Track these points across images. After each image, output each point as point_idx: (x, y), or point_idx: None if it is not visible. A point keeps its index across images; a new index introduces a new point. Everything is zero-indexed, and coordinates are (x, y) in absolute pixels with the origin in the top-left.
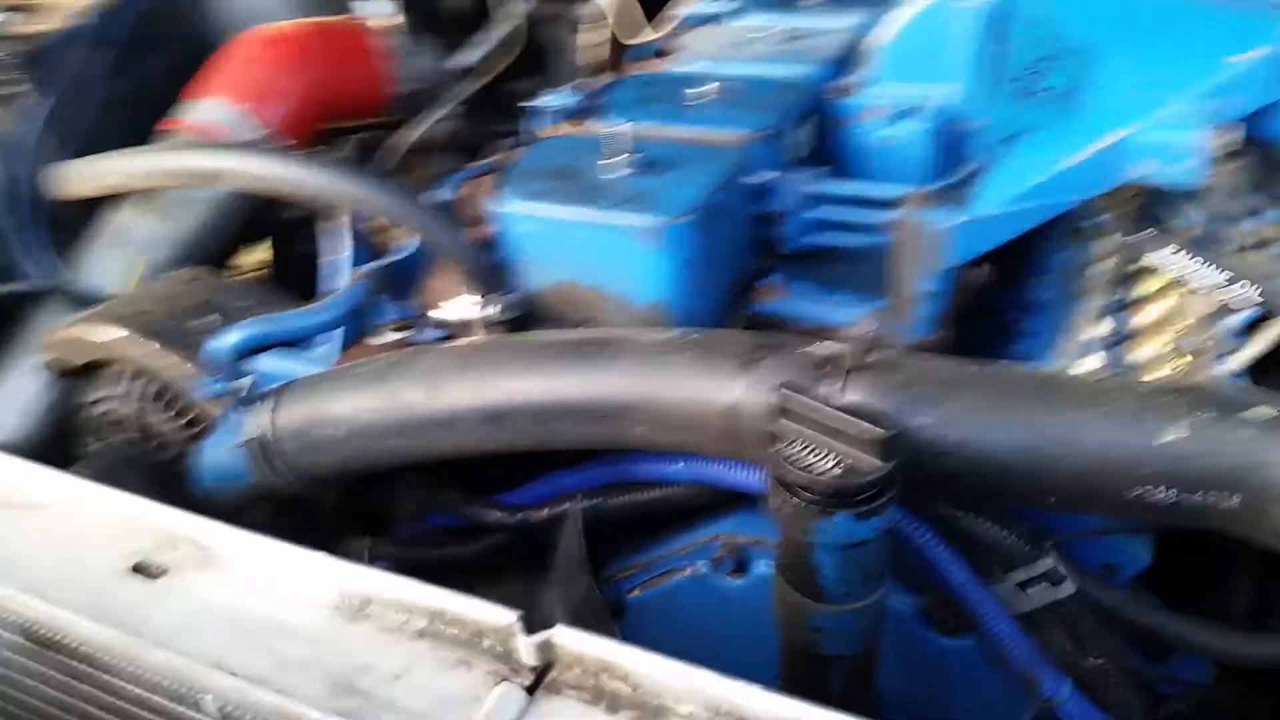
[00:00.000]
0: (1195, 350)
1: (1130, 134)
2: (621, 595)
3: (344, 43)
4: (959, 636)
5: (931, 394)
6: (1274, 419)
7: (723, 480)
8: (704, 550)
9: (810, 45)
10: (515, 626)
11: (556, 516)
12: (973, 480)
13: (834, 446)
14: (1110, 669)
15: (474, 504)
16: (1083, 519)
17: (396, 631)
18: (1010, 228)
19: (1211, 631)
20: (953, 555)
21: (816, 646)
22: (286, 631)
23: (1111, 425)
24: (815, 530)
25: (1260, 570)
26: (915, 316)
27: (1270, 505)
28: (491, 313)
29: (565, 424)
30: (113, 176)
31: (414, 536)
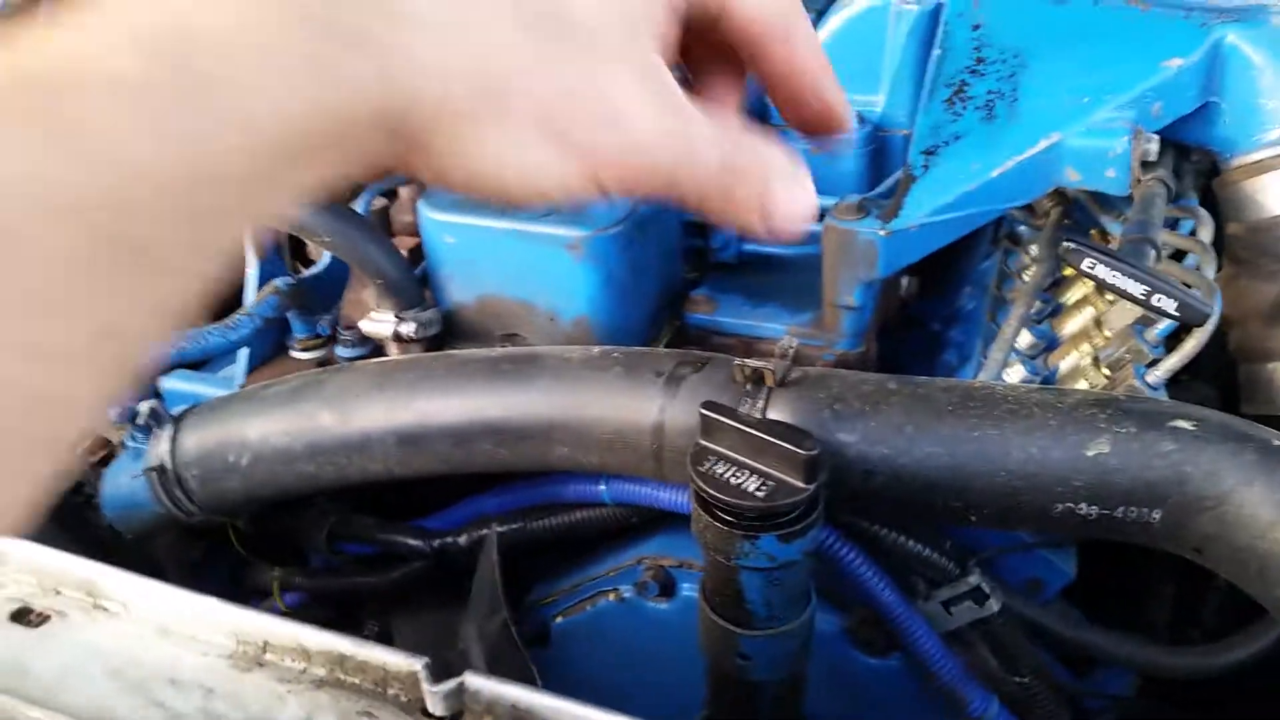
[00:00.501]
0: (1115, 362)
1: (1056, 142)
2: (547, 621)
3: None
4: (885, 656)
5: (856, 410)
6: (1192, 433)
7: (647, 501)
8: (629, 574)
9: None
10: (422, 674)
11: (476, 543)
12: (899, 498)
13: (756, 468)
14: (1036, 685)
15: (390, 531)
16: (1008, 534)
17: (295, 681)
18: (938, 237)
19: (1134, 645)
20: (879, 574)
21: (743, 672)
22: (177, 682)
23: (1034, 441)
24: (739, 553)
25: (1182, 581)
26: (842, 329)
27: (1189, 519)
28: (409, 329)
29: (484, 446)
30: None
31: (327, 566)
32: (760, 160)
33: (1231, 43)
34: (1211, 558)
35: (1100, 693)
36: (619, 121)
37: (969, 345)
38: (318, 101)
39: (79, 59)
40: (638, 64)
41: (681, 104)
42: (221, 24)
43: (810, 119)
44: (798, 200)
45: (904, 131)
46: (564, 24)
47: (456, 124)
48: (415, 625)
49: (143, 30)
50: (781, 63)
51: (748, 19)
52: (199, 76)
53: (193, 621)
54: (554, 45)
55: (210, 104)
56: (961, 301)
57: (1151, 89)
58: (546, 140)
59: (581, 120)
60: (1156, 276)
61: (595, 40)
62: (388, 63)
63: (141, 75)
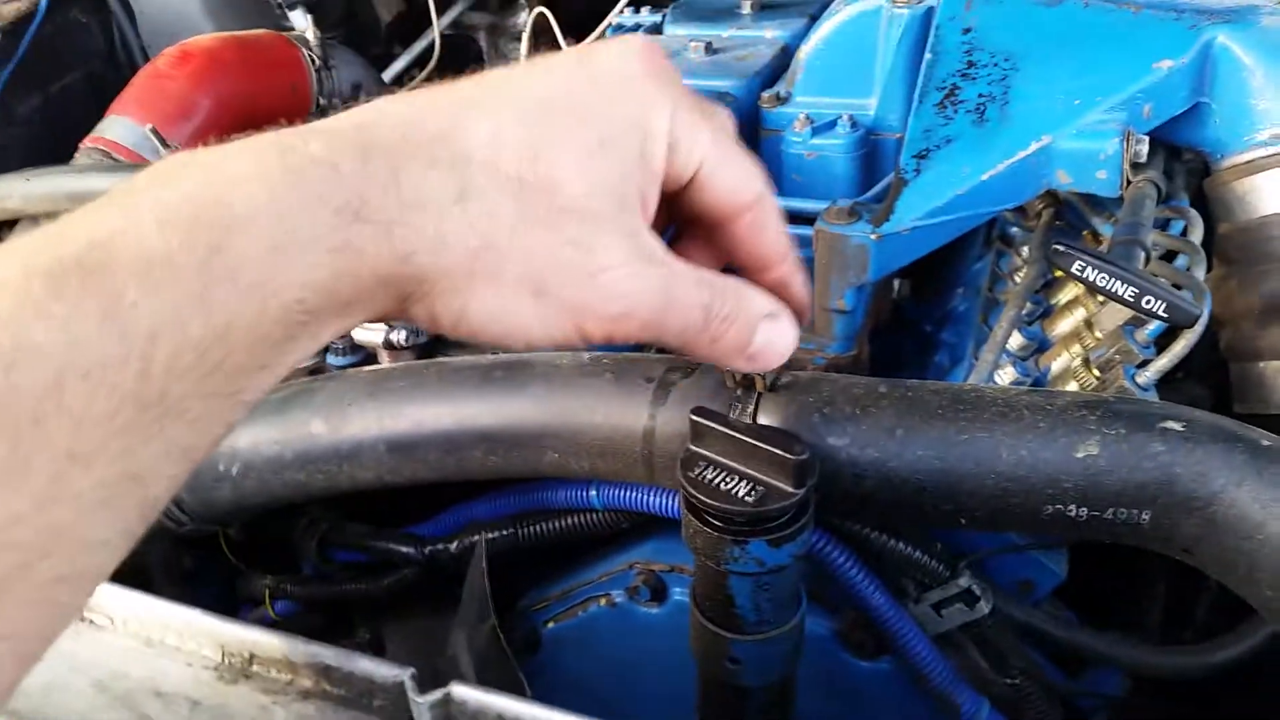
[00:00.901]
0: (1105, 363)
1: (1047, 144)
2: (538, 627)
3: (263, 56)
4: (876, 659)
5: (846, 414)
6: (1181, 434)
7: (638, 506)
8: (620, 579)
9: (738, 57)
10: (408, 685)
11: (467, 549)
12: (890, 501)
13: (745, 473)
14: (1028, 686)
15: (381, 538)
16: (998, 536)
17: (281, 693)
18: (930, 241)
19: (1125, 645)
20: (869, 577)
21: (733, 677)
22: (163, 695)
23: (1024, 443)
24: (728, 558)
25: (1173, 581)
26: (834, 332)
27: (1179, 520)
28: (400, 336)
29: (476, 453)
30: (9, 201)
31: (319, 574)
32: (744, 307)
33: (1222, 44)
34: (1201, 558)
35: (1092, 693)
36: (602, 279)
37: (961, 347)
38: (336, 274)
39: (114, 238)
40: (623, 229)
41: (662, 260)
42: (254, 207)
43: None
44: (782, 338)
45: (896, 135)
46: (556, 199)
47: (455, 285)
48: (407, 632)
49: (175, 211)
50: (746, 243)
51: (717, 198)
52: (231, 258)
53: (179, 633)
54: (546, 219)
55: (238, 282)
56: (954, 303)
57: (1142, 90)
58: (535, 298)
59: (568, 281)
60: (1146, 278)
61: (584, 212)
62: (400, 238)
63: (173, 256)
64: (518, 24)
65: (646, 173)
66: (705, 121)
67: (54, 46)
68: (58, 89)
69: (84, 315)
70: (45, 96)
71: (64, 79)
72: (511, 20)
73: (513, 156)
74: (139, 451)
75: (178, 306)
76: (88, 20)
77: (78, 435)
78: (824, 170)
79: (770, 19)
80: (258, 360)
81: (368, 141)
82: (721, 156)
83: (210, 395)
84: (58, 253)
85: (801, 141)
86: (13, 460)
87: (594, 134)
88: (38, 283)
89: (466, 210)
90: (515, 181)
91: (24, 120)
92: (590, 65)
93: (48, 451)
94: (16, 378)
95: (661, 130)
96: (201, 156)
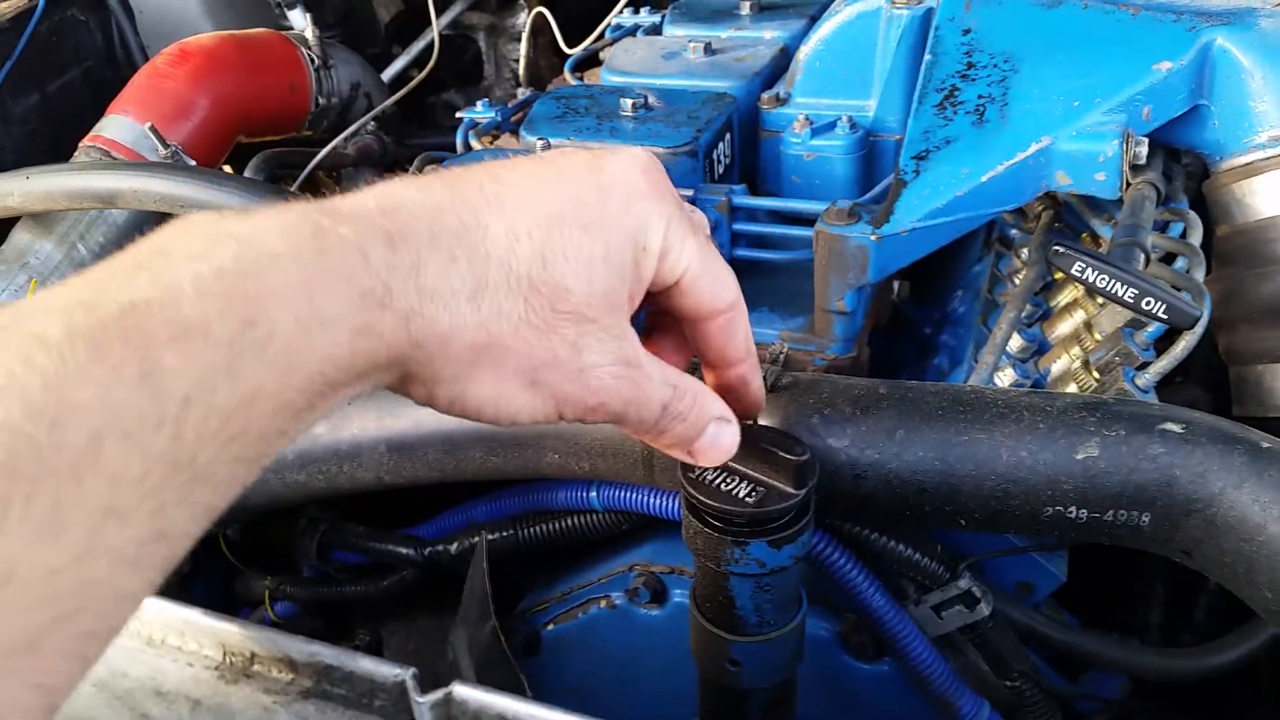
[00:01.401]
0: (1105, 365)
1: (1046, 146)
2: (538, 629)
3: (261, 55)
4: (876, 661)
5: (846, 415)
6: (1181, 435)
7: (638, 508)
8: (621, 580)
9: (737, 58)
10: (409, 684)
11: (467, 550)
12: (890, 502)
13: (746, 474)
14: (1027, 688)
15: (380, 539)
16: (998, 538)
17: (282, 693)
18: (929, 242)
19: (1124, 648)
20: (870, 579)
21: (733, 678)
22: (164, 694)
23: (1023, 445)
24: (729, 559)
25: (1173, 584)
26: (834, 334)
27: (1178, 522)
28: None
29: (476, 453)
30: (9, 199)
31: (319, 575)
32: (698, 407)
33: (1220, 46)
34: (1200, 560)
35: (1092, 695)
36: (587, 376)
37: (961, 349)
38: (355, 352)
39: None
40: (611, 331)
41: (638, 362)
42: (287, 285)
43: (727, 394)
44: (728, 440)
45: (896, 136)
46: (559, 304)
47: (456, 373)
48: (406, 634)
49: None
50: (715, 342)
51: (696, 302)
52: (261, 332)
53: (180, 633)
54: (548, 320)
55: (267, 354)
56: (953, 305)
57: (1141, 92)
58: (528, 388)
59: (558, 375)
60: (1145, 280)
61: (581, 317)
62: (416, 326)
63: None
64: (517, 24)
65: (637, 280)
66: (693, 234)
67: (52, 45)
68: (56, 87)
69: (124, 379)
70: (44, 95)
71: (62, 77)
72: (510, 20)
73: (526, 260)
74: (168, 511)
75: (209, 374)
76: (86, 19)
77: (115, 493)
78: (823, 171)
79: (769, 20)
80: (278, 427)
81: (393, 230)
82: (703, 267)
83: (234, 460)
84: (98, 315)
85: (801, 142)
86: (54, 515)
87: (599, 247)
88: (80, 344)
89: (479, 307)
90: (525, 282)
91: (22, 118)
92: (599, 176)
93: (86, 508)
94: (59, 436)
95: (656, 245)
96: (234, 226)
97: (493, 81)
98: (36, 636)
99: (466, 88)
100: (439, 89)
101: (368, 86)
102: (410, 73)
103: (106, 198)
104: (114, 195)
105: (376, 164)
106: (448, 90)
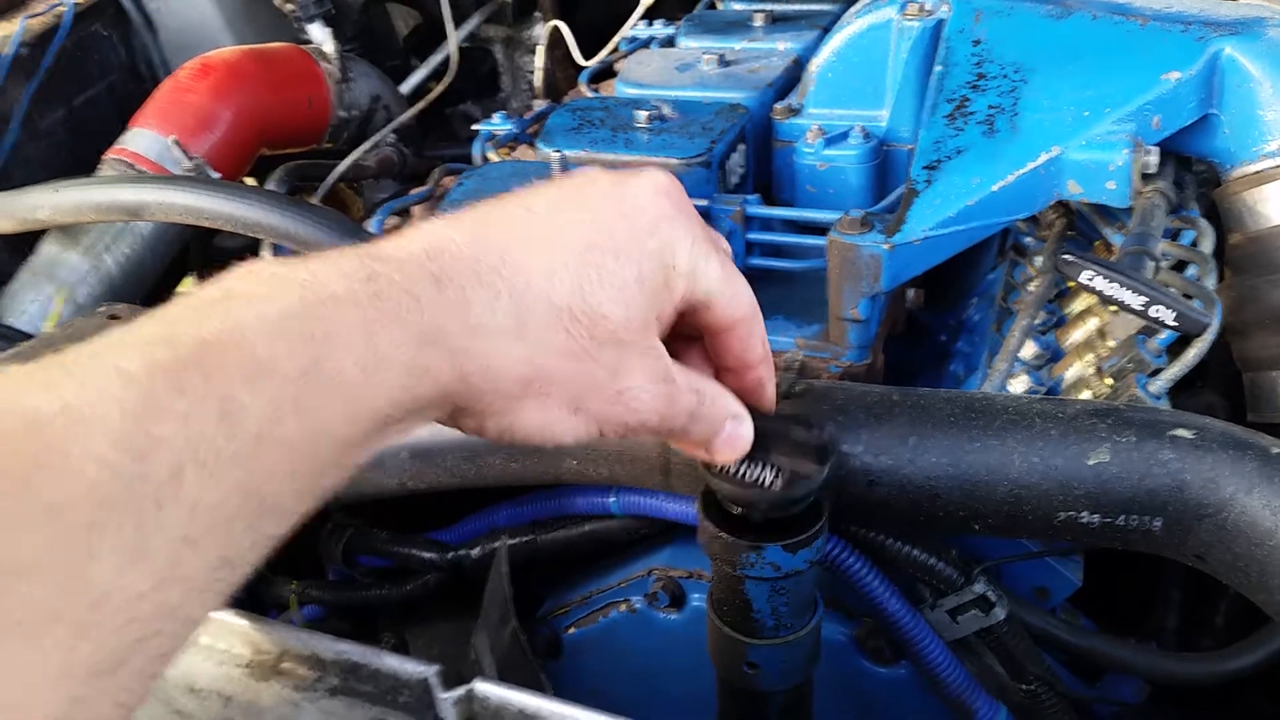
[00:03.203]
0: (1118, 372)
1: (1057, 155)
2: (559, 633)
3: (282, 69)
4: (893, 665)
5: (860, 422)
6: (1192, 441)
7: (656, 513)
8: (640, 585)
9: (751, 69)
10: (433, 681)
11: (488, 555)
12: (903, 507)
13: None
14: (1044, 693)
15: (404, 544)
16: (1012, 543)
17: (310, 690)
18: (941, 251)
19: (1141, 652)
20: (885, 583)
21: (751, 681)
22: (196, 690)
23: (1035, 451)
24: (745, 563)
25: (1192, 587)
26: (849, 341)
27: (1190, 526)
28: None
29: (495, 460)
30: (39, 212)
31: (344, 579)
32: (718, 408)
33: (1229, 55)
34: (1213, 565)
35: (1109, 699)
36: (626, 398)
37: (975, 356)
38: (408, 390)
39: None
40: (646, 352)
41: (671, 377)
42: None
43: (743, 393)
44: (742, 437)
45: (908, 146)
46: (597, 331)
47: (505, 406)
48: (430, 636)
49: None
50: (734, 350)
51: (718, 316)
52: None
53: (212, 633)
54: (588, 348)
55: (331, 393)
56: (968, 312)
57: (1151, 102)
58: (571, 414)
59: (599, 398)
60: (1154, 287)
61: (618, 342)
62: (464, 362)
63: (279, 365)
64: (533, 36)
65: (669, 301)
66: (715, 252)
67: (78, 60)
68: (81, 102)
69: (204, 413)
70: (69, 109)
71: (87, 92)
72: (527, 33)
73: (564, 292)
74: (237, 540)
75: (280, 410)
76: (110, 34)
77: (192, 522)
78: (837, 181)
79: (782, 31)
80: (337, 461)
81: (440, 272)
82: (725, 284)
83: (297, 493)
84: (177, 352)
85: (814, 153)
86: (138, 541)
87: (631, 272)
88: (161, 379)
89: (523, 339)
90: (566, 313)
91: (49, 132)
92: (623, 203)
93: (167, 535)
94: (144, 467)
95: (684, 265)
96: (295, 272)
97: (510, 93)
98: (122, 658)
99: (484, 99)
100: (457, 100)
101: (386, 99)
102: (429, 85)
103: (132, 210)
104: (140, 208)
105: (396, 175)
106: (465, 101)
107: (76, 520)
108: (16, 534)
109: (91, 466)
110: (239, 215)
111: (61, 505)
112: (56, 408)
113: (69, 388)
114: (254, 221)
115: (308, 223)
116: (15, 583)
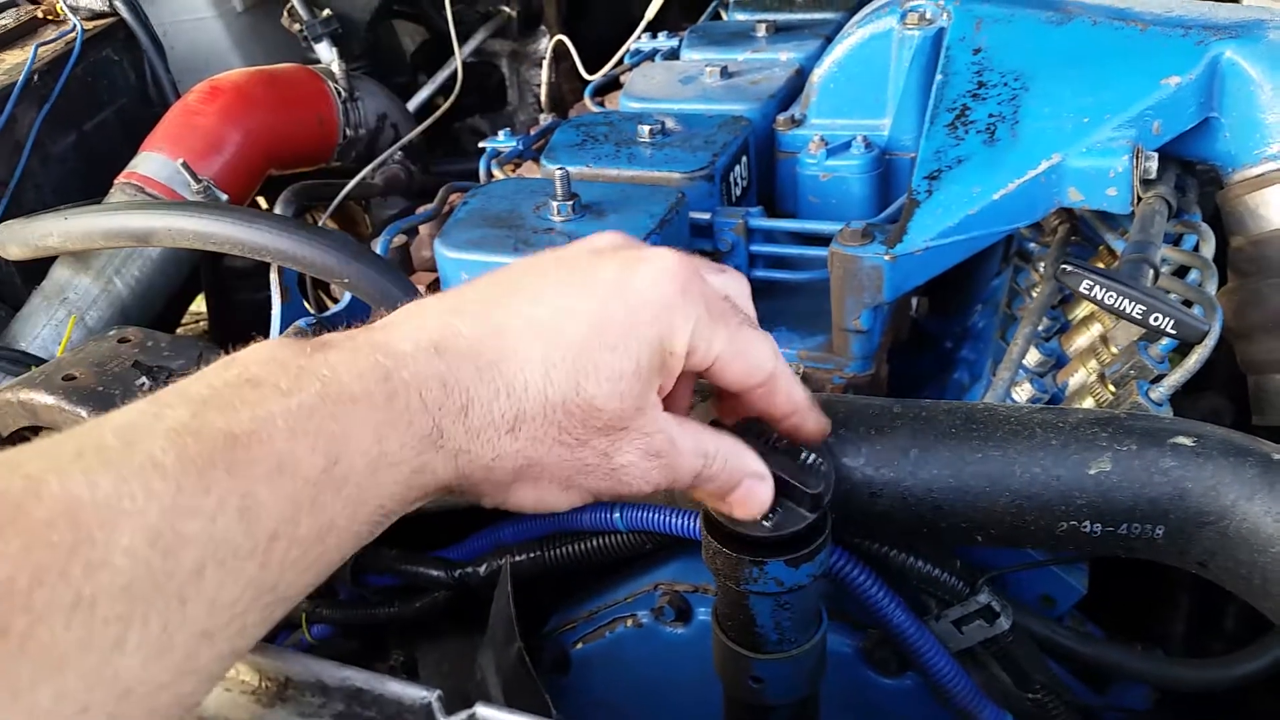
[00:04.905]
0: (1121, 378)
1: (1057, 163)
2: (566, 649)
3: (290, 90)
4: (899, 676)
5: (861, 434)
6: (1192, 449)
7: (660, 528)
8: (646, 600)
9: (753, 80)
10: (435, 706)
11: (495, 572)
12: (906, 519)
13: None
14: (1051, 702)
15: (412, 562)
16: (1017, 552)
17: (314, 715)
18: (943, 260)
19: (1148, 659)
20: (890, 595)
21: (756, 696)
22: (203, 718)
23: (1037, 461)
24: (748, 579)
25: (1201, 593)
26: (852, 352)
27: (1192, 534)
28: None
29: None
30: (49, 239)
31: (353, 597)
32: (734, 466)
33: (1229, 59)
34: (1215, 572)
35: (1117, 706)
36: (619, 475)
37: (980, 364)
38: (411, 487)
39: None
40: (640, 430)
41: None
42: (363, 428)
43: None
44: (763, 496)
45: (911, 155)
46: (590, 421)
47: (499, 489)
48: (440, 654)
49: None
50: (760, 405)
51: (731, 380)
52: (339, 472)
53: None
54: (581, 438)
55: (342, 493)
56: (973, 320)
57: (1151, 107)
58: (563, 490)
59: (591, 478)
60: (1153, 295)
61: (611, 429)
62: (462, 462)
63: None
64: (538, 50)
65: (667, 377)
66: (722, 325)
67: (88, 85)
68: (92, 126)
69: (227, 511)
70: (80, 133)
71: (97, 116)
72: (532, 47)
73: (561, 388)
74: (250, 631)
75: (295, 509)
76: (120, 58)
77: (211, 617)
78: (840, 191)
79: (785, 42)
80: (342, 552)
81: (446, 372)
82: (735, 352)
83: (306, 585)
84: (205, 445)
85: (817, 163)
86: (163, 637)
87: (628, 364)
88: (191, 474)
89: (517, 437)
90: (560, 408)
91: (60, 157)
92: (627, 294)
93: (188, 629)
94: (172, 564)
95: (682, 346)
96: (315, 364)
97: (516, 106)
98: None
99: (491, 113)
100: (464, 115)
101: (394, 117)
102: (436, 100)
103: (141, 236)
104: (149, 234)
105: (404, 192)
106: (473, 116)
107: (109, 613)
108: (53, 625)
109: (125, 560)
110: (246, 239)
111: (95, 598)
112: (97, 497)
113: (107, 480)
114: (261, 245)
115: (313, 246)
116: (51, 675)
